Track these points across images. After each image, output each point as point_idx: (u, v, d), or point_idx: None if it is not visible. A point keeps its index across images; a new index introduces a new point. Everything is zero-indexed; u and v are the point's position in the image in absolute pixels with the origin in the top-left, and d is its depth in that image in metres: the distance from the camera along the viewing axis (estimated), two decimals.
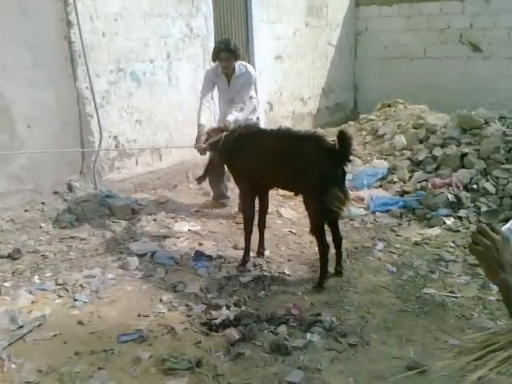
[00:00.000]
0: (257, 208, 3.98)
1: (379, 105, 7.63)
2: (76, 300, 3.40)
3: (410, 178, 5.36)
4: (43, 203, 4.63)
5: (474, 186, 4.79)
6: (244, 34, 6.74)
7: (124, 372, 2.66)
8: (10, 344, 2.89)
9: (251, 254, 3.96)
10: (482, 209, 4.55)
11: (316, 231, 3.48)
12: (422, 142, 5.86)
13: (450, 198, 4.64)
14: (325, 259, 3.52)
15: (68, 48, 4.64)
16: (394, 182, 5.41)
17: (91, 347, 2.86)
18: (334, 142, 3.44)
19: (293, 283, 3.62)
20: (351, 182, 5.39)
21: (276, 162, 3.56)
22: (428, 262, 3.85)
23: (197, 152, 4.30)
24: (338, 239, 3.69)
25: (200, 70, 6.02)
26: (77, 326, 3.10)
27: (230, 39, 4.72)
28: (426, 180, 5.12)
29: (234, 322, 3.04)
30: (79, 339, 2.96)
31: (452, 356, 2.63)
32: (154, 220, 4.80)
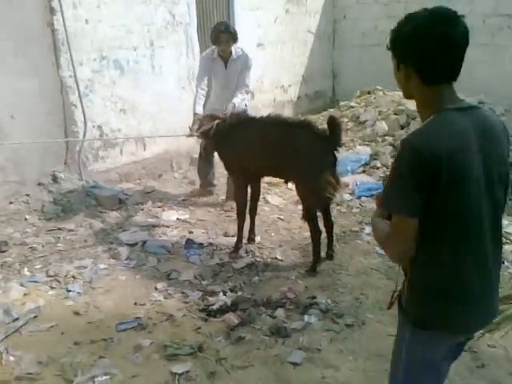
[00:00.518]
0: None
1: (358, 92, 7.69)
2: (69, 291, 3.38)
3: None
4: (28, 195, 4.55)
5: None
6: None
7: (126, 359, 2.68)
8: (6, 337, 2.87)
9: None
10: None
11: (309, 217, 3.53)
12: (403, 127, 5.97)
13: None
14: (318, 244, 3.58)
15: (51, 36, 4.53)
16: (377, 168, 5.51)
17: (90, 337, 2.86)
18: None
19: (286, 268, 3.67)
20: None
21: (267, 149, 3.57)
22: None
23: (189, 139, 4.24)
24: (329, 224, 3.75)
25: (183, 58, 5.97)
26: (73, 317, 3.09)
27: (227, 22, 4.62)
28: None
29: (232, 307, 3.08)
30: (77, 329, 2.95)
31: None
32: (142, 210, 4.77)
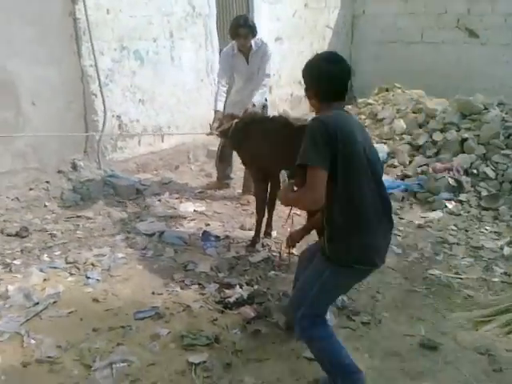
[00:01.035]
0: None
1: (377, 89, 7.64)
2: (88, 278, 3.42)
3: (411, 162, 5.44)
4: (48, 182, 4.61)
5: (474, 171, 4.89)
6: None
7: (143, 348, 2.71)
8: (27, 320, 2.91)
9: None
10: (482, 193, 4.66)
11: None
12: (421, 126, 5.92)
13: (451, 182, 4.74)
14: None
15: (73, 25, 4.57)
16: (395, 166, 5.48)
17: (108, 324, 2.90)
18: None
19: None
20: None
21: (284, 147, 3.57)
22: (432, 245, 3.94)
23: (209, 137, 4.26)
24: None
25: (202, 50, 5.98)
26: (92, 303, 3.13)
27: (246, 15, 4.59)
28: (426, 164, 5.20)
29: (248, 301, 3.10)
30: (95, 316, 2.99)
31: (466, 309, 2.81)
32: (159, 200, 4.81)
